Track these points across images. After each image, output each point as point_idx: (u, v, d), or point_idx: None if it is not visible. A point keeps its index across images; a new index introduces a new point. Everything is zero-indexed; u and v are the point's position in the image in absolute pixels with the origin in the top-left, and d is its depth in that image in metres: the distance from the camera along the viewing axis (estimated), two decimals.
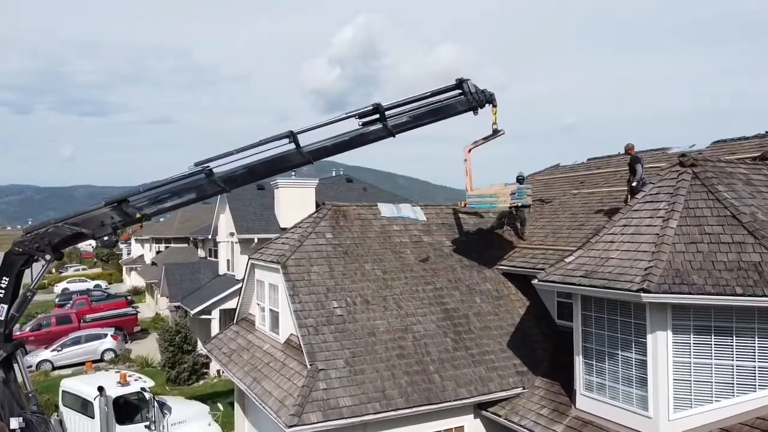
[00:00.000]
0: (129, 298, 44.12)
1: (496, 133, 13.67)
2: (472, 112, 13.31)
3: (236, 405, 16.47)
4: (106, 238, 13.13)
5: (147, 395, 14.46)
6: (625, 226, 10.89)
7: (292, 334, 13.17)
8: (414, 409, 11.40)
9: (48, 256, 12.73)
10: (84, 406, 13.97)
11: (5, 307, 12.52)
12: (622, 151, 19.95)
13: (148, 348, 29.90)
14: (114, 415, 13.55)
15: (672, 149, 17.25)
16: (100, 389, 13.54)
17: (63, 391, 14.79)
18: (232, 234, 25.90)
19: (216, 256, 31.51)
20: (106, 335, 29.22)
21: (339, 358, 11.66)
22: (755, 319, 9.17)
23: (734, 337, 9.30)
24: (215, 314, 24.74)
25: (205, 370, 24.60)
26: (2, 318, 12.47)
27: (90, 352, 28.24)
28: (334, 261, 13.56)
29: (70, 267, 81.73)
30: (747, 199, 10.52)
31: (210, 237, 29.32)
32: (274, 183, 25.02)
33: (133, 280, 60.80)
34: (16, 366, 12.83)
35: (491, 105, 13.35)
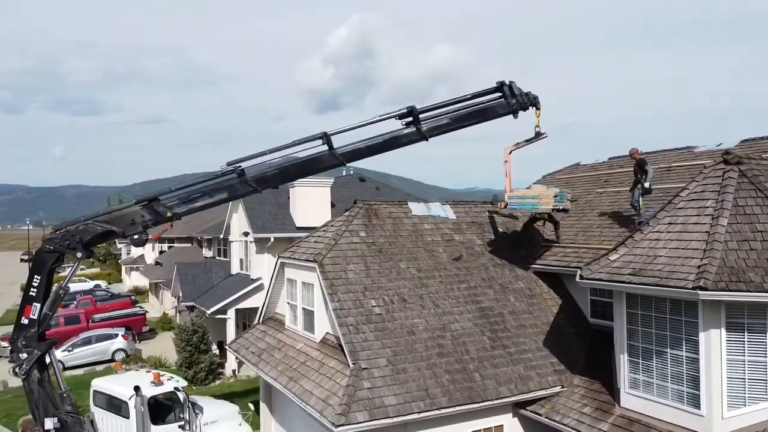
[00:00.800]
0: (133, 298, 43.82)
1: (538, 135, 13.68)
2: (512, 115, 13.31)
3: (262, 404, 16.37)
4: (136, 236, 13.03)
5: (181, 395, 14.33)
6: (671, 224, 10.87)
7: (328, 332, 13.09)
8: (456, 408, 11.34)
9: (79, 254, 12.61)
10: (117, 407, 13.81)
11: (38, 305, 12.39)
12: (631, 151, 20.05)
13: (158, 348, 29.71)
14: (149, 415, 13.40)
15: (698, 147, 17.26)
16: (137, 389, 13.39)
17: (94, 391, 14.62)
18: (246, 233, 25.75)
19: (226, 256, 31.35)
20: (116, 335, 28.98)
21: (381, 357, 11.58)
22: None
23: None
24: (230, 314, 24.61)
25: (220, 371, 24.44)
26: (35, 317, 12.33)
27: (101, 353, 28.02)
28: (369, 259, 13.48)
29: (67, 267, 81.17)
30: None
31: (222, 236, 29.14)
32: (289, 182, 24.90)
33: (133, 280, 60.42)
34: (49, 365, 12.69)
35: (535, 107, 13.35)
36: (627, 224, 14.53)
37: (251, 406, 15.60)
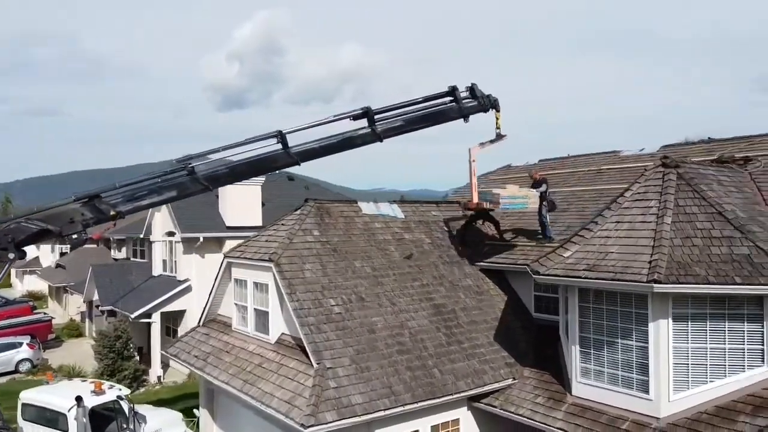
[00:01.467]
0: (31, 303, 40.54)
1: (499, 137, 14.22)
2: (463, 119, 13.74)
3: (203, 411, 15.74)
4: (75, 236, 12.16)
5: (124, 404, 13.48)
6: (619, 222, 11.63)
7: (284, 333, 12.85)
8: (419, 404, 11.50)
9: (11, 255, 11.60)
10: (53, 420, 12.75)
11: None
12: (566, 154, 21.29)
13: (66, 356, 27.69)
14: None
15: (623, 152, 18.55)
16: (78, 399, 12.43)
17: (24, 404, 13.41)
18: (171, 233, 24.66)
19: (143, 257, 29.83)
20: (21, 344, 26.71)
21: (344, 356, 11.53)
22: (745, 305, 10.16)
23: (726, 322, 10.23)
24: (156, 317, 23.44)
25: (144, 378, 23.20)
26: None
27: (3, 363, 25.73)
28: (324, 258, 13.37)
29: None
30: (724, 197, 11.61)
31: (141, 236, 27.65)
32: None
33: (27, 284, 55.92)
34: None
35: (495, 110, 13.83)
36: (565, 222, 15.37)
37: (197, 411, 14.98)
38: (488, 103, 13.99)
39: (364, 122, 13.20)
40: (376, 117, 13.12)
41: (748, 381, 10.09)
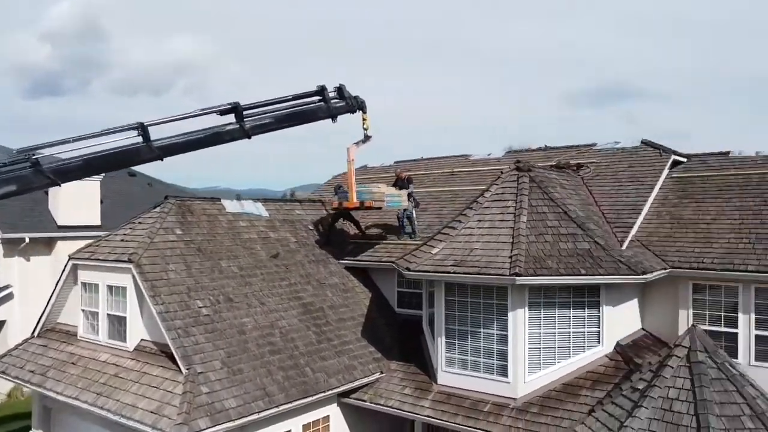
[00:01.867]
0: None
1: (367, 138, 14.55)
2: (331, 119, 13.90)
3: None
4: None
5: None
6: (480, 221, 12.56)
7: (143, 339, 11.96)
8: (293, 404, 11.38)
9: None
10: None
11: None
12: (424, 155, 22.38)
13: None
14: None
15: (473, 156, 19.96)
16: None
17: None
18: None
19: None
20: None
21: (215, 360, 11.04)
22: (586, 293, 11.56)
23: (571, 309, 11.56)
24: None
25: None
26: None
27: None
28: (189, 258, 12.67)
29: None
30: (567, 199, 13.09)
31: None
32: None
33: None
34: None
35: (362, 111, 14.12)
36: (425, 221, 16.19)
37: None
38: (356, 105, 14.29)
39: (231, 118, 12.78)
40: (245, 113, 12.76)
41: (588, 359, 11.51)
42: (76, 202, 21.72)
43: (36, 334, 14.15)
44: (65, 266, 13.48)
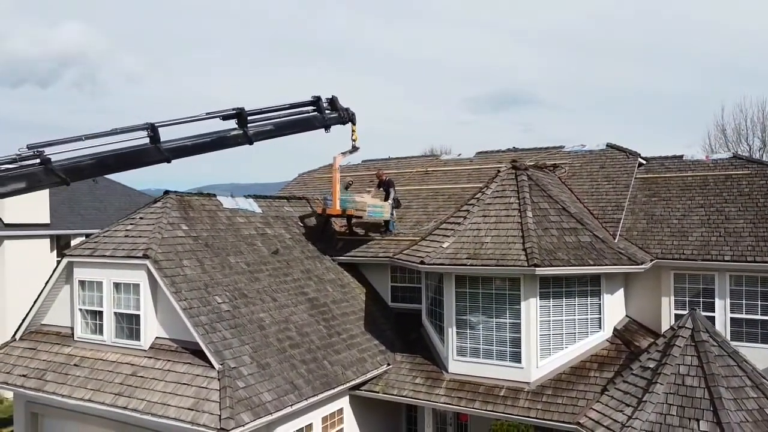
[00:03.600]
0: None
1: (354, 149, 15.13)
2: (324, 129, 14.31)
3: None
4: None
5: None
6: (486, 216, 13.25)
7: (158, 337, 11.61)
8: (319, 396, 11.52)
9: None
10: None
11: None
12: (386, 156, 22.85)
13: None
14: None
15: (442, 156, 20.71)
16: None
17: None
18: None
19: None
20: None
21: (244, 354, 10.96)
22: (588, 282, 12.54)
23: (576, 298, 12.49)
24: None
25: None
26: None
27: None
28: (200, 254, 12.43)
29: None
30: (561, 195, 14.07)
31: None
32: None
33: None
34: None
35: (352, 123, 14.57)
36: (412, 218, 16.71)
37: None
38: (347, 116, 14.85)
39: (233, 123, 12.83)
40: (249, 119, 12.87)
41: (592, 344, 12.49)
42: (24, 199, 20.22)
43: (18, 336, 13.26)
44: (58, 265, 12.74)
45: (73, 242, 21.90)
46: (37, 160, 10.46)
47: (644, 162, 17.21)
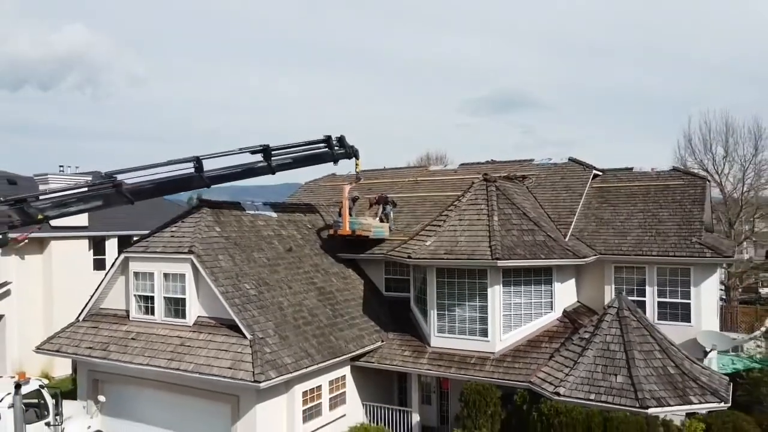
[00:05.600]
0: None
1: (358, 179, 18.58)
2: (333, 162, 17.53)
3: (85, 403, 16.13)
4: (1, 235, 12.61)
5: (46, 393, 13.50)
6: (461, 220, 16.34)
7: (200, 316, 14.69)
8: (327, 362, 14.59)
9: None
10: None
11: None
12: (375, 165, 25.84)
13: None
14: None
15: (431, 167, 23.83)
16: (17, 386, 12.30)
17: None
18: None
19: None
20: None
21: (269, 329, 14.04)
22: (542, 273, 15.63)
23: (532, 285, 15.59)
24: None
25: None
26: None
27: None
28: (231, 251, 15.50)
29: None
30: (524, 203, 17.17)
31: None
32: (40, 177, 23.43)
33: None
34: None
35: (355, 158, 17.79)
36: (403, 221, 19.77)
37: (102, 398, 15.33)
38: (352, 153, 18.21)
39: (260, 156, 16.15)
40: (272, 153, 16.07)
41: (545, 322, 15.59)
42: None
43: (81, 318, 16.32)
44: (116, 260, 15.83)
45: (108, 242, 24.98)
46: (110, 184, 13.63)
47: (600, 173, 20.33)
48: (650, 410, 12.10)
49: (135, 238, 20.05)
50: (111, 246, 25.03)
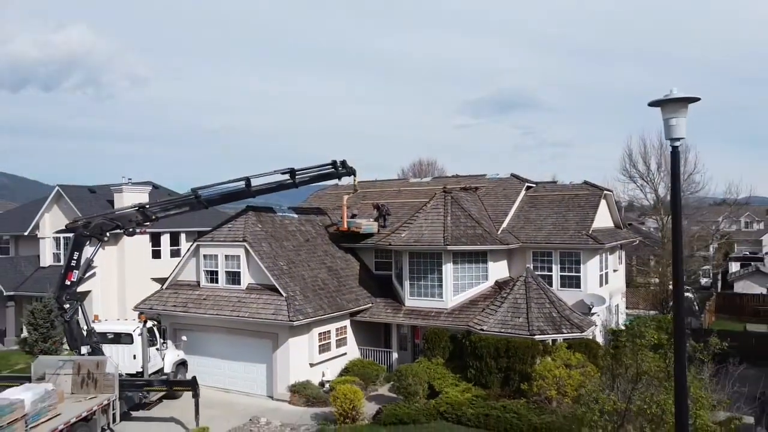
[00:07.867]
0: None
1: (356, 191, 25.60)
2: (338, 179, 24.94)
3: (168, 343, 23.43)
4: (131, 229, 19.98)
5: (155, 329, 20.82)
6: (426, 219, 23.78)
7: (250, 283, 22.09)
8: (334, 314, 22.01)
9: (105, 238, 18.99)
10: (117, 338, 19.66)
11: (77, 272, 18.30)
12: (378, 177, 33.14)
13: None
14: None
15: (411, 180, 31.28)
16: (145, 322, 19.68)
17: (98, 333, 19.69)
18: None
19: (8, 253, 33.56)
20: None
21: (296, 291, 21.43)
22: (480, 255, 23.05)
23: (474, 264, 23.01)
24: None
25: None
26: (75, 280, 18.23)
27: None
28: (269, 240, 22.90)
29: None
30: (471, 208, 24.61)
31: (26, 233, 31.53)
32: (116, 188, 30.54)
33: None
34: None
35: (353, 176, 25.19)
36: (389, 220, 27.18)
37: (184, 337, 22.57)
38: (352, 172, 25.51)
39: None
40: (296, 173, 23.43)
41: (481, 288, 23.05)
42: None
43: (165, 287, 23.72)
44: (190, 247, 23.25)
45: (162, 238, 32.29)
46: (193, 195, 21.01)
47: (533, 185, 27.76)
48: (536, 337, 19.54)
49: (182, 234, 27.47)
50: (165, 241, 32.33)
